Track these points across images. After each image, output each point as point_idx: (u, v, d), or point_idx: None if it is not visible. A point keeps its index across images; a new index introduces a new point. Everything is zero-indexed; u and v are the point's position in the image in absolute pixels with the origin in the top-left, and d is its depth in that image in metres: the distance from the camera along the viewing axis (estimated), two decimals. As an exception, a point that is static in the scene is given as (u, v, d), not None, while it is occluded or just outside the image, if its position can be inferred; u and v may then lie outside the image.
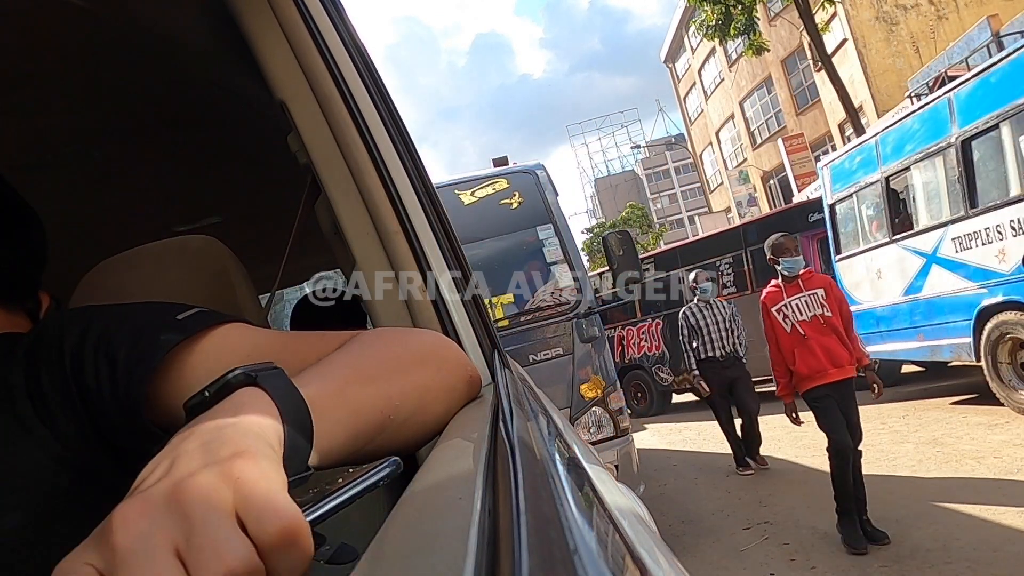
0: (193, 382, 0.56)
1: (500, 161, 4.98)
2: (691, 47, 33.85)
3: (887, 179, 6.73)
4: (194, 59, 1.21)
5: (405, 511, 0.35)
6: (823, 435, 6.33)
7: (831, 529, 3.76)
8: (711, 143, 35.11)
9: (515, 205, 4.30)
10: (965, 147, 5.60)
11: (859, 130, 12.16)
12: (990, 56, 6.76)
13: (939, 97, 5.94)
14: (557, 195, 4.48)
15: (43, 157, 1.40)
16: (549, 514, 0.28)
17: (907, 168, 6.41)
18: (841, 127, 21.10)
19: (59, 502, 0.58)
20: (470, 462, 0.38)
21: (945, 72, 10.30)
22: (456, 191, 4.38)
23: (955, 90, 5.73)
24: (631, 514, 0.47)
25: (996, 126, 5.28)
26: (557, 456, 0.40)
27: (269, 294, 1.58)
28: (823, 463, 5.40)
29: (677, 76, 38.61)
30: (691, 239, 13.82)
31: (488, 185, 4.43)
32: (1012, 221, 5.16)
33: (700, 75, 34.38)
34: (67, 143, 1.39)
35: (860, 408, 7.36)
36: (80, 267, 0.88)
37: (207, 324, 0.58)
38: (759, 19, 14.33)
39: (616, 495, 0.53)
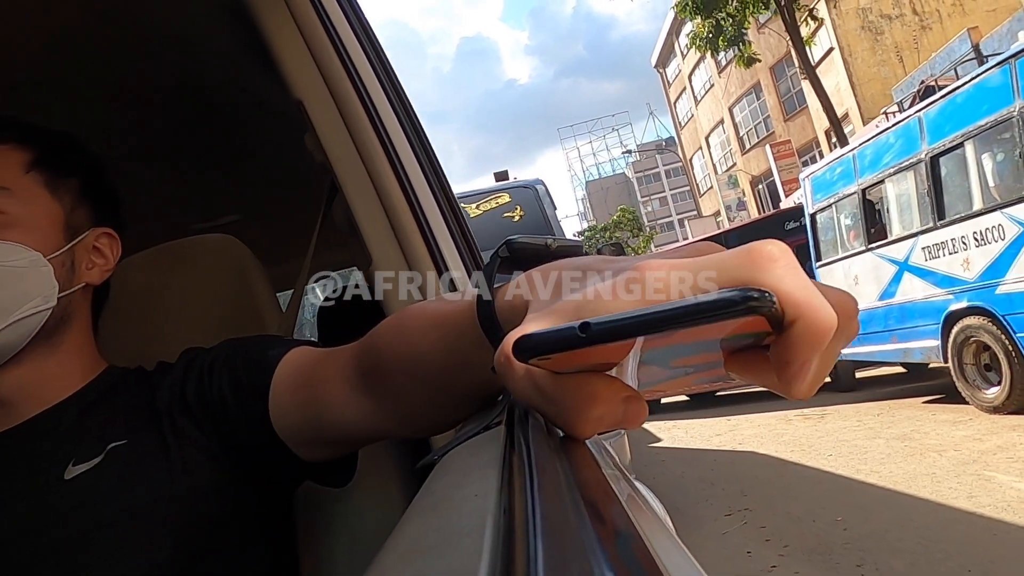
0: (287, 386, 0.66)
1: (501, 175, 5.35)
2: (681, 53, 34.23)
3: (863, 191, 7.14)
4: (211, 59, 1.22)
5: (421, 508, 0.35)
6: (804, 432, 6.75)
7: (803, 514, 4.15)
8: (701, 147, 35.52)
9: (517, 218, 4.68)
10: (933, 163, 6.01)
11: (842, 140, 12.56)
12: (979, 65, 7.16)
13: (911, 116, 6.36)
14: (556, 208, 4.86)
15: None
16: (564, 511, 0.27)
17: (882, 181, 6.83)
18: (828, 133, 21.46)
19: (211, 533, 0.67)
20: (486, 459, 0.38)
21: (936, 80, 10.64)
22: (462, 205, 4.75)
23: (925, 110, 6.14)
24: (645, 510, 0.47)
25: (961, 144, 5.69)
26: (571, 451, 0.39)
27: (292, 291, 1.66)
28: (801, 457, 5.81)
29: (667, 81, 39.04)
30: (679, 244, 14.22)
31: (492, 199, 4.81)
32: (975, 232, 5.57)
33: (690, 80, 34.81)
34: (85, 143, 1.53)
35: (837, 407, 7.74)
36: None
37: (297, 343, 0.71)
38: (747, 30, 14.76)
39: (630, 491, 0.53)
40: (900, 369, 8.86)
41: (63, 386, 0.73)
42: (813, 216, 8.18)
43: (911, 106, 7.07)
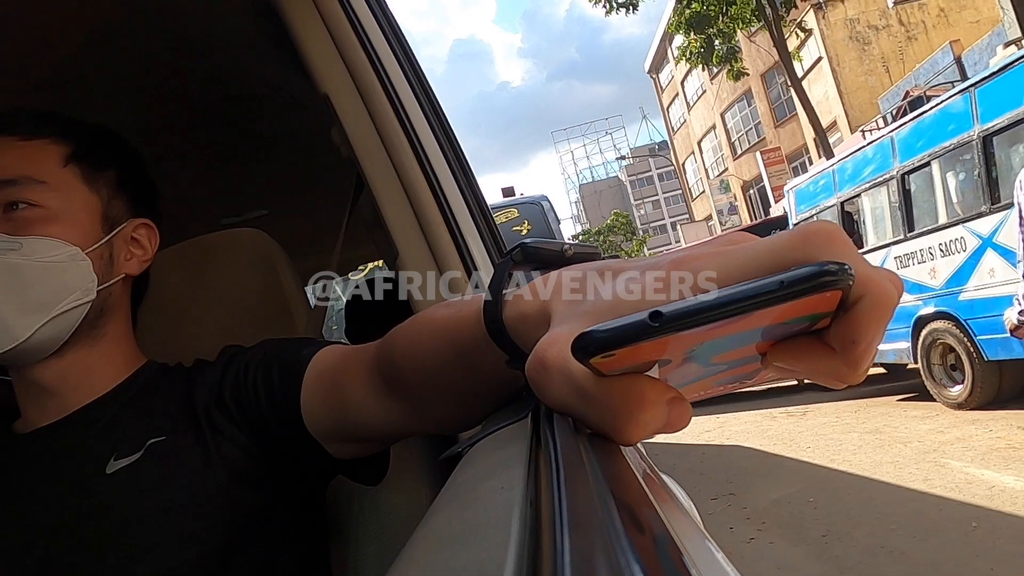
0: (315, 385, 0.67)
1: (508, 191, 5.87)
2: (674, 59, 34.61)
3: (842, 204, 7.68)
4: (238, 55, 1.22)
5: (448, 499, 0.35)
6: (787, 428, 7.25)
7: (780, 497, 4.66)
8: (693, 152, 35.92)
9: (524, 232, 5.19)
10: (904, 179, 6.55)
11: (827, 152, 13.09)
12: (963, 80, 7.63)
13: (884, 135, 6.91)
14: (560, 222, 5.38)
15: None
16: (590, 503, 0.26)
17: (858, 195, 7.37)
18: (816, 141, 21.98)
19: (246, 527, 0.68)
20: (513, 452, 0.37)
21: (924, 92, 11.09)
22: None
23: (896, 131, 6.69)
24: (672, 503, 0.47)
25: (928, 163, 6.23)
26: (597, 445, 0.35)
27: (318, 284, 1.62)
28: (783, 449, 6.32)
29: (660, 87, 39.50)
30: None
31: (502, 214, 5.32)
32: (940, 244, 6.12)
33: (683, 86, 35.25)
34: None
35: (819, 405, 8.22)
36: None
37: (326, 344, 0.72)
38: (739, 48, 15.30)
39: (657, 484, 0.52)
40: (880, 370, 9.40)
41: (105, 377, 0.75)
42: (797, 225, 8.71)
43: (894, 119, 7.59)
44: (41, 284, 0.68)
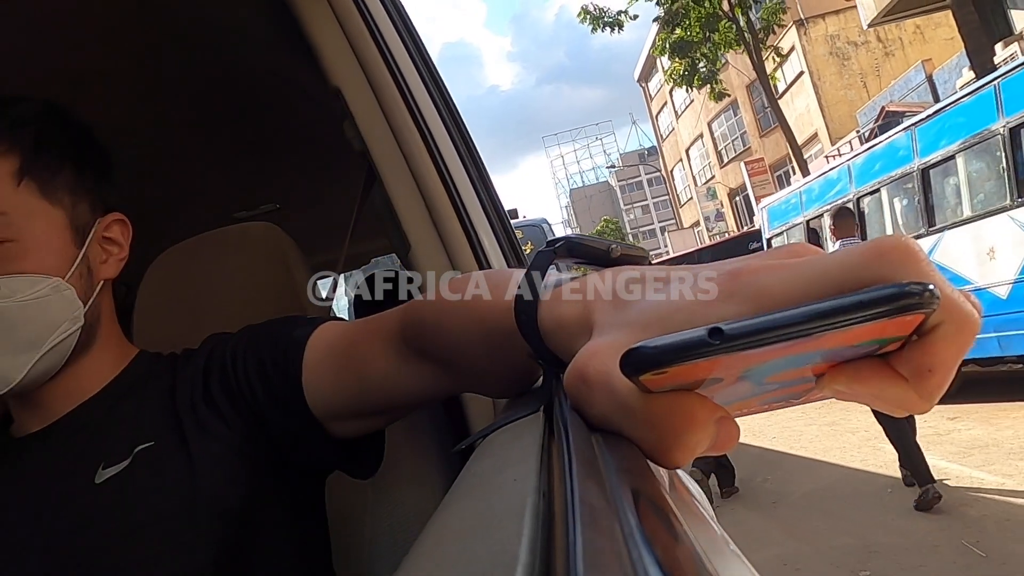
0: (321, 363, 0.65)
1: (512, 213, 6.70)
2: (663, 68, 35.34)
3: (807, 222, 8.59)
4: (251, 48, 1.23)
5: (461, 492, 0.35)
6: (757, 422, 8.17)
7: (744, 477, 5.53)
8: (681, 159, 36.60)
9: (528, 251, 6.02)
10: (859, 202, 7.46)
11: (803, 169, 13.97)
12: (935, 97, 8.47)
13: (841, 163, 7.82)
14: (557, 242, 6.23)
15: (111, 150, 1.23)
16: (603, 496, 0.26)
17: (821, 215, 8.27)
18: (799, 151, 22.74)
19: (241, 531, 0.65)
20: (526, 444, 0.37)
21: (910, 111, 11.93)
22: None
23: (853, 160, 7.61)
24: (685, 496, 0.45)
25: (878, 189, 7.15)
26: (610, 438, 0.33)
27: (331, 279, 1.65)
28: (752, 440, 7.21)
29: (650, 95, 40.21)
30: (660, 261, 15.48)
31: (508, 235, 6.15)
32: (889, 261, 7.03)
33: (671, 95, 35.90)
34: (132, 135, 1.35)
35: (788, 401, 9.15)
36: (147, 255, 0.88)
37: (320, 323, 0.68)
38: (719, 68, 16.14)
39: (670, 477, 0.51)
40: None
41: (94, 381, 0.72)
42: (769, 240, 9.63)
43: (871, 136, 8.44)
44: (28, 323, 0.64)
